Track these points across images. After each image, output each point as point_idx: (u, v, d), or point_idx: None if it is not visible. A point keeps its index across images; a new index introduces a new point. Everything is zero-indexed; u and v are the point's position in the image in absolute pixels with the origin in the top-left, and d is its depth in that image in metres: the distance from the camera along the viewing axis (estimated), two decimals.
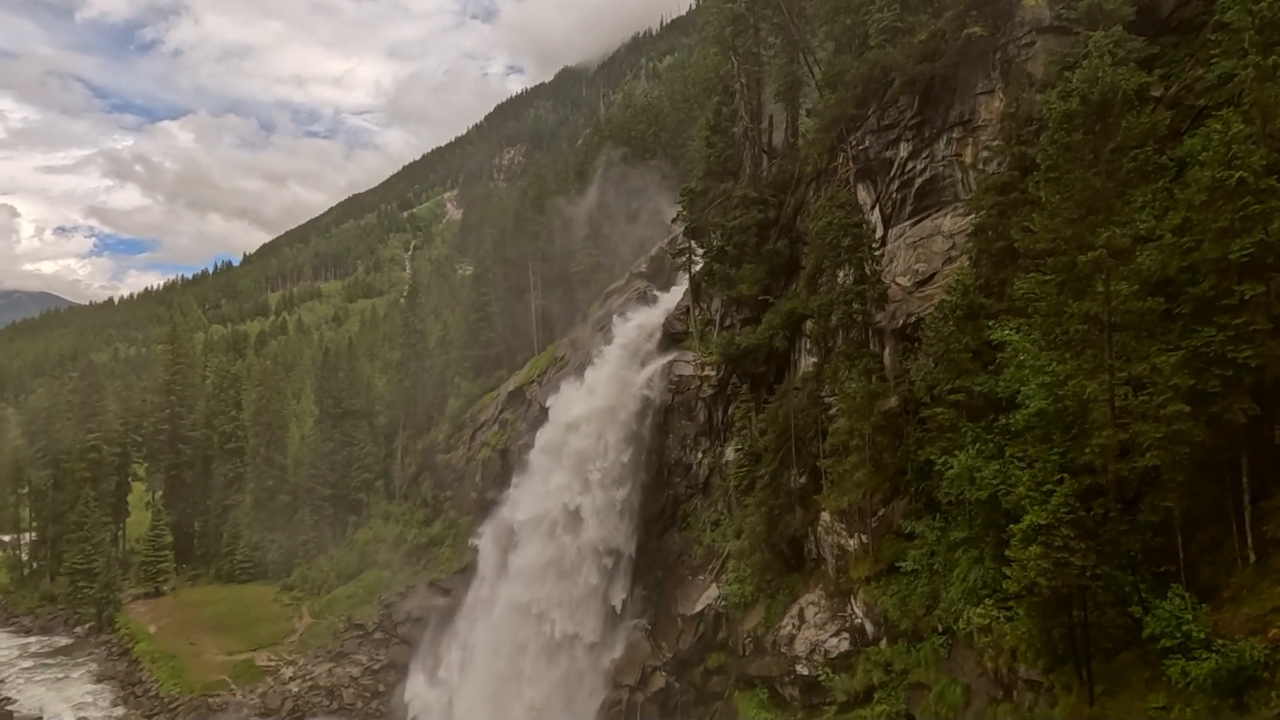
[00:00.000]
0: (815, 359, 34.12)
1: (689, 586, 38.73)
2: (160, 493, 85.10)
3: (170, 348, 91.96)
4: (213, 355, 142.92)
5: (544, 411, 48.82)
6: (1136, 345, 19.48)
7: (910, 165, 31.73)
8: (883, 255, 31.75)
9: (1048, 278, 21.84)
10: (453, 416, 72.71)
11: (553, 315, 72.15)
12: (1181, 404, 17.88)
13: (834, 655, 29.76)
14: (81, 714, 54.25)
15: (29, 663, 63.19)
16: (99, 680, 59.09)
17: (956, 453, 24.05)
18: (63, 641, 67.59)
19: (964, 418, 25.15)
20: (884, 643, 28.71)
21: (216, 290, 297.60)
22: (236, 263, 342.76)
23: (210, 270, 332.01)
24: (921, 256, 30.57)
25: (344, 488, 75.55)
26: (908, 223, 31.89)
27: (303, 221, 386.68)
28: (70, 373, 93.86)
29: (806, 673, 30.32)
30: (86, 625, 68.85)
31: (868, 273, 30.24)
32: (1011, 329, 23.30)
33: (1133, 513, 19.89)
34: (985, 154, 28.52)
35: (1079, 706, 20.58)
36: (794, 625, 31.75)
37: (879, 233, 32.82)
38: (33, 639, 69.07)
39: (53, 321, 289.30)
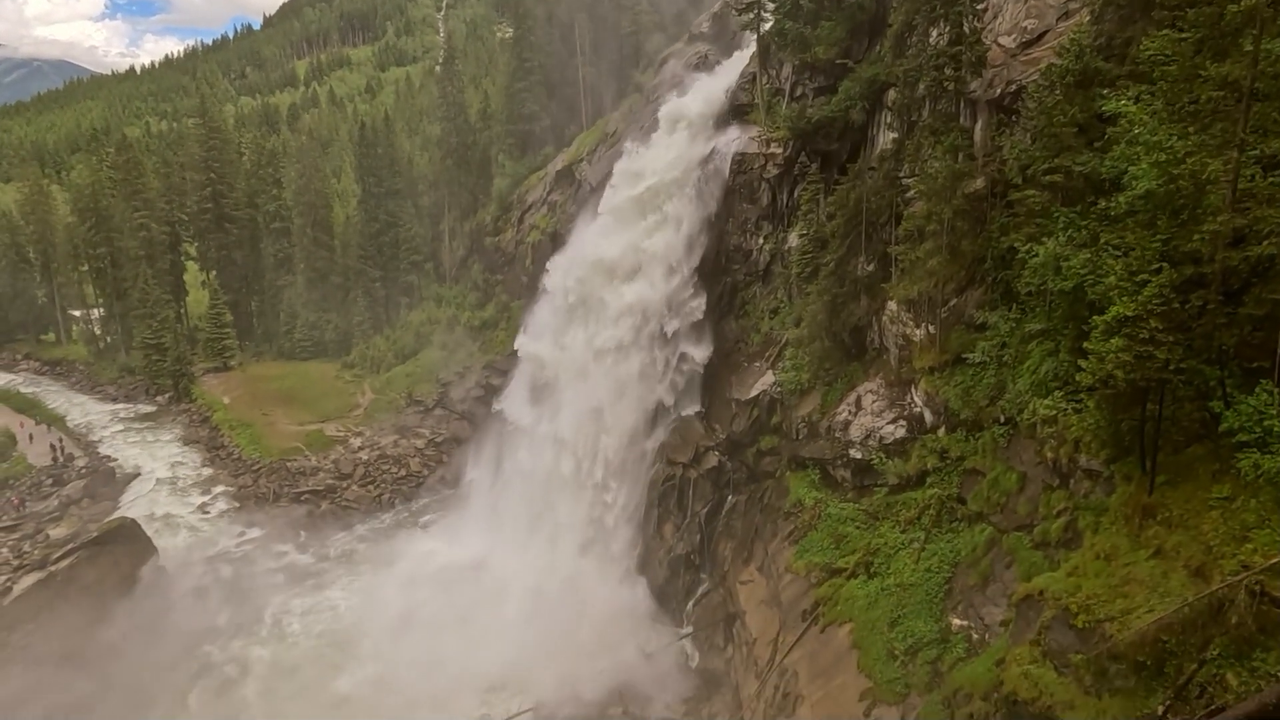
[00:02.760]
0: (896, 134, 30.81)
1: (744, 373, 38.69)
2: (214, 272, 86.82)
3: (201, 121, 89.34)
4: (246, 130, 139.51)
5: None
6: (1278, 118, 16.95)
7: None
8: (985, 10, 27.44)
9: (1185, 34, 18.50)
10: (499, 197, 70.53)
11: (602, 84, 67.14)
12: None
13: (889, 441, 30.03)
14: (175, 472, 59.36)
15: (120, 426, 68.31)
16: (185, 444, 63.81)
17: (1044, 240, 22.20)
18: (147, 409, 72.38)
19: (1058, 201, 22.98)
20: (942, 431, 28.70)
21: (240, 58, 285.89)
22: (257, 25, 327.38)
23: (230, 35, 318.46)
24: (1032, 11, 26.45)
25: (393, 270, 75.81)
26: None
27: None
28: (106, 148, 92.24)
29: (860, 456, 30.86)
30: (166, 395, 73.18)
31: (966, 31, 26.23)
32: (1129, 98, 20.35)
33: (1234, 305, 18.42)
34: None
35: (1136, 495, 20.33)
36: (850, 412, 31.88)
37: None
38: (119, 406, 74.21)
39: (78, 93, 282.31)
